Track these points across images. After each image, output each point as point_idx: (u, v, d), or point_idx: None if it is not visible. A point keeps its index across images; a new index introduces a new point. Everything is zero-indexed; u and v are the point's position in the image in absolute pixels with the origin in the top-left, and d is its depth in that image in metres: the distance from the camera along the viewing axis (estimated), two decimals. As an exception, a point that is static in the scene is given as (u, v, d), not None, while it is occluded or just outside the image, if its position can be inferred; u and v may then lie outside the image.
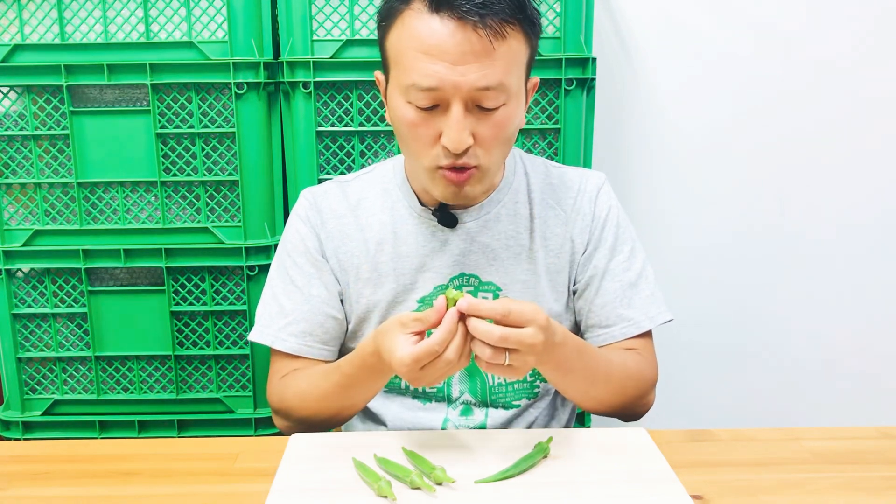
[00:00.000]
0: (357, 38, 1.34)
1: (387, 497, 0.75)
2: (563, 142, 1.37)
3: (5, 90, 1.36)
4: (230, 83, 1.33)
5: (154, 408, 1.47)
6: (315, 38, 1.34)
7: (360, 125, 1.37)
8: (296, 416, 0.97)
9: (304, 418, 0.96)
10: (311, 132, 1.36)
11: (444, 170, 0.88)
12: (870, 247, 1.70)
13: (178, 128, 1.36)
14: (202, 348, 1.45)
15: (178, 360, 1.45)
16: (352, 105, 1.36)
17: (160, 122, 1.36)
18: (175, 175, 1.38)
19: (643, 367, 0.99)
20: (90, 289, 1.41)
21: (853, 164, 1.65)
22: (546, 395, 1.06)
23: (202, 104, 1.36)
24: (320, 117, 1.37)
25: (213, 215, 1.41)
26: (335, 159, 1.39)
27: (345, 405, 0.95)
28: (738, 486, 0.80)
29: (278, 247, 1.04)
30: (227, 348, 1.45)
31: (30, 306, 1.43)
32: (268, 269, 1.07)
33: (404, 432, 0.92)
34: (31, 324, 1.44)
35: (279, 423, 1.01)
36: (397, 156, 1.05)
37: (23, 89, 1.35)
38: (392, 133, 1.37)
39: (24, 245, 1.39)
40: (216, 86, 1.35)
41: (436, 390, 1.02)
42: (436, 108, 0.85)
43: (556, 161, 1.21)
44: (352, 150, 1.38)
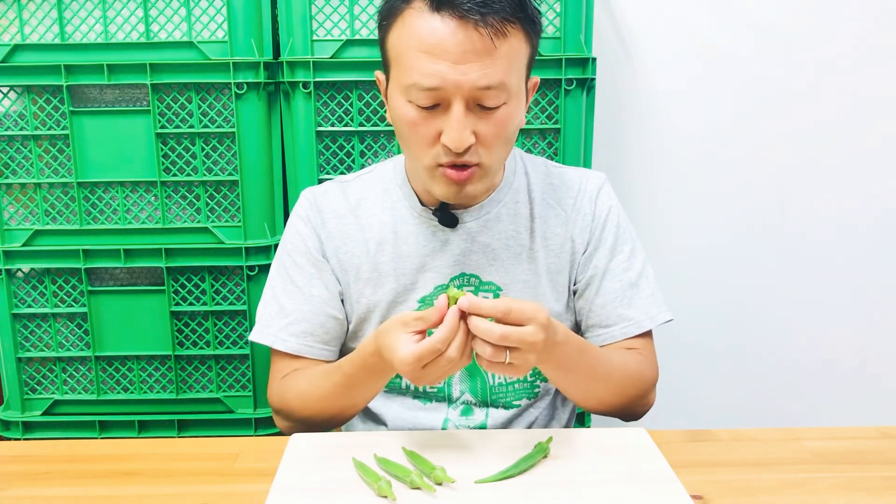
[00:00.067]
0: (357, 38, 1.34)
1: (387, 497, 0.75)
2: (563, 142, 1.37)
3: (5, 90, 1.36)
4: (230, 83, 1.33)
5: (154, 408, 1.47)
6: (315, 38, 1.34)
7: (360, 125, 1.37)
8: (297, 417, 0.97)
9: (305, 418, 0.96)
10: (311, 132, 1.36)
11: (445, 168, 0.88)
12: (870, 247, 1.70)
13: (178, 128, 1.36)
14: (202, 348, 1.45)
15: (178, 360, 1.45)
16: (352, 105, 1.36)
17: (160, 122, 1.36)
18: (175, 175, 1.38)
19: (644, 367, 0.99)
20: (90, 289, 1.41)
21: (853, 164, 1.65)
22: (546, 394, 1.06)
23: (202, 104, 1.36)
24: (320, 117, 1.37)
25: (213, 215, 1.41)
26: (335, 159, 1.39)
27: (346, 405, 0.95)
28: (738, 486, 0.80)
29: (279, 247, 1.04)
30: (227, 348, 1.45)
31: (30, 306, 1.43)
32: (268, 269, 1.07)
33: (404, 432, 0.92)
34: (31, 324, 1.44)
35: (280, 423, 1.01)
36: (397, 156, 1.05)
37: (23, 89, 1.35)
38: (392, 133, 1.37)
39: (24, 245, 1.39)
40: (216, 86, 1.35)
41: (436, 390, 1.02)
42: (437, 107, 0.85)
43: (556, 161, 1.21)
44: (352, 150, 1.38)
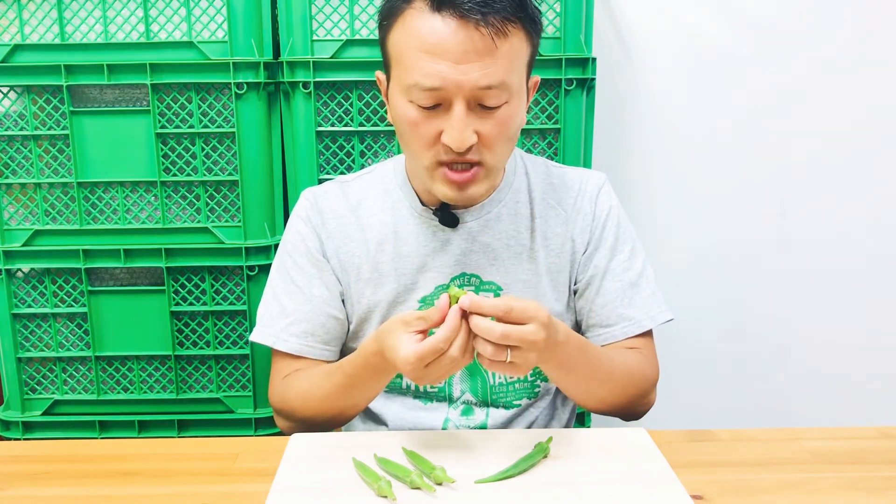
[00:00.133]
0: (357, 38, 1.34)
1: (387, 497, 0.75)
2: (563, 142, 1.37)
3: (5, 90, 1.36)
4: (230, 83, 1.33)
5: (154, 408, 1.47)
6: (315, 38, 1.34)
7: (360, 125, 1.37)
8: (298, 417, 0.97)
9: (307, 418, 0.96)
10: (311, 132, 1.36)
11: (445, 168, 0.88)
12: (870, 247, 1.70)
13: (178, 128, 1.36)
14: (202, 348, 1.45)
15: (178, 360, 1.45)
16: (352, 105, 1.36)
17: (160, 122, 1.36)
18: (175, 175, 1.38)
19: (644, 367, 0.99)
20: (90, 289, 1.41)
21: (853, 164, 1.65)
22: (546, 394, 1.06)
23: (202, 104, 1.36)
24: (320, 117, 1.37)
25: (213, 215, 1.41)
26: (335, 159, 1.39)
27: (347, 405, 0.95)
28: (738, 486, 0.80)
29: (279, 247, 1.04)
30: (227, 348, 1.45)
31: (30, 306, 1.43)
32: (268, 269, 1.07)
33: (404, 432, 0.92)
34: (31, 324, 1.44)
35: (281, 423, 1.01)
36: (398, 156, 1.05)
37: (23, 89, 1.35)
38: (392, 133, 1.37)
39: (24, 245, 1.39)
40: (216, 86, 1.35)
41: (437, 390, 1.02)
42: (438, 107, 0.85)
43: (556, 161, 1.21)
44: (352, 150, 1.38)
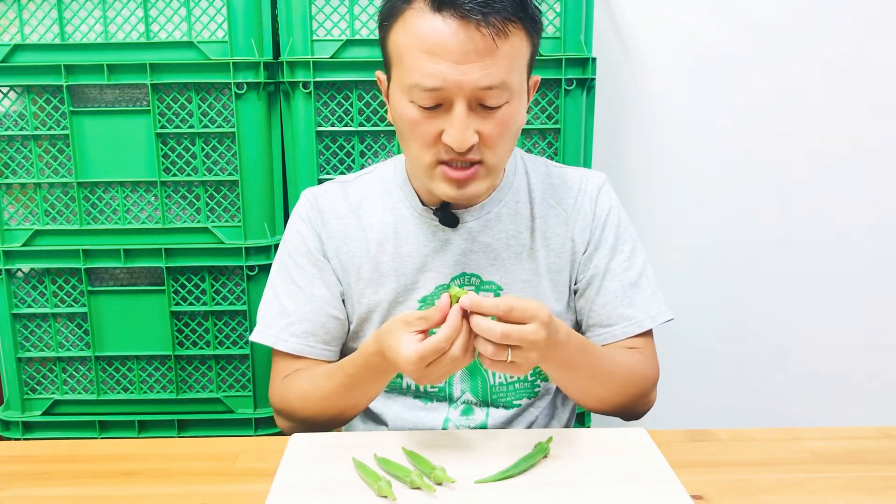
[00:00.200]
0: (357, 38, 1.34)
1: (387, 497, 0.75)
2: (563, 142, 1.37)
3: (5, 90, 1.36)
4: (230, 83, 1.33)
5: (154, 408, 1.47)
6: (315, 38, 1.34)
7: (360, 125, 1.37)
8: (298, 417, 0.97)
9: (307, 419, 0.96)
10: (311, 132, 1.36)
11: (445, 166, 0.88)
12: (870, 247, 1.70)
13: (178, 128, 1.36)
14: (202, 348, 1.45)
15: (178, 360, 1.45)
16: (352, 105, 1.36)
17: (160, 122, 1.36)
18: (175, 175, 1.38)
19: (645, 366, 0.99)
20: (90, 289, 1.41)
21: (853, 164, 1.65)
22: (546, 394, 1.06)
23: (202, 104, 1.36)
24: (320, 117, 1.37)
25: (213, 215, 1.41)
26: (335, 159, 1.39)
27: (347, 405, 0.95)
28: (738, 486, 0.80)
29: (279, 247, 1.04)
30: (227, 348, 1.45)
31: (30, 306, 1.43)
32: (268, 269, 1.07)
33: (404, 432, 0.92)
34: (31, 324, 1.44)
35: (281, 423, 1.01)
36: (398, 156, 1.05)
37: (23, 89, 1.35)
38: (392, 133, 1.37)
39: (24, 245, 1.39)
40: (216, 86, 1.35)
41: (437, 390, 1.02)
42: (439, 107, 0.85)
43: (556, 161, 1.21)
44: (352, 150, 1.38)
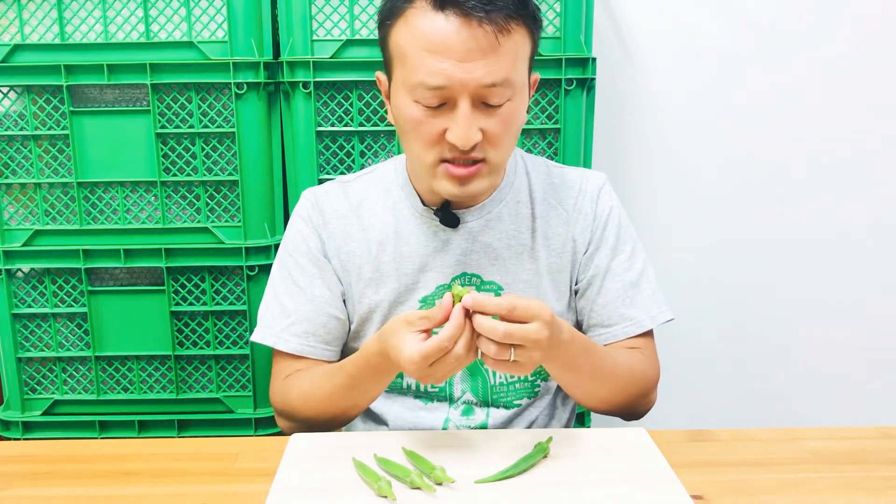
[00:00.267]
0: (357, 38, 1.34)
1: (387, 497, 0.75)
2: (563, 142, 1.37)
3: (5, 90, 1.36)
4: (230, 83, 1.33)
5: (154, 408, 1.47)
6: (315, 38, 1.34)
7: (360, 125, 1.37)
8: (299, 417, 0.97)
9: (308, 419, 0.96)
10: (311, 132, 1.36)
11: (448, 164, 0.87)
12: (870, 247, 1.70)
13: (178, 128, 1.36)
14: (202, 348, 1.45)
15: (178, 360, 1.45)
16: (352, 105, 1.36)
17: (160, 122, 1.36)
18: (175, 175, 1.38)
19: (646, 367, 0.99)
20: (90, 289, 1.41)
21: (853, 163, 1.65)
22: (546, 394, 1.06)
23: (202, 104, 1.36)
24: (320, 117, 1.37)
25: (213, 215, 1.41)
26: (335, 159, 1.39)
27: (348, 405, 0.95)
28: (738, 486, 0.80)
29: (280, 247, 1.04)
30: (227, 348, 1.45)
31: (30, 306, 1.43)
32: (268, 269, 1.07)
33: (404, 432, 0.92)
34: (31, 324, 1.44)
35: (282, 424, 1.01)
36: (398, 156, 1.05)
37: (23, 89, 1.35)
38: (392, 133, 1.37)
39: (24, 245, 1.39)
40: (216, 86, 1.35)
41: (437, 390, 1.02)
42: (442, 105, 0.85)
43: (556, 161, 1.21)
44: (352, 150, 1.38)
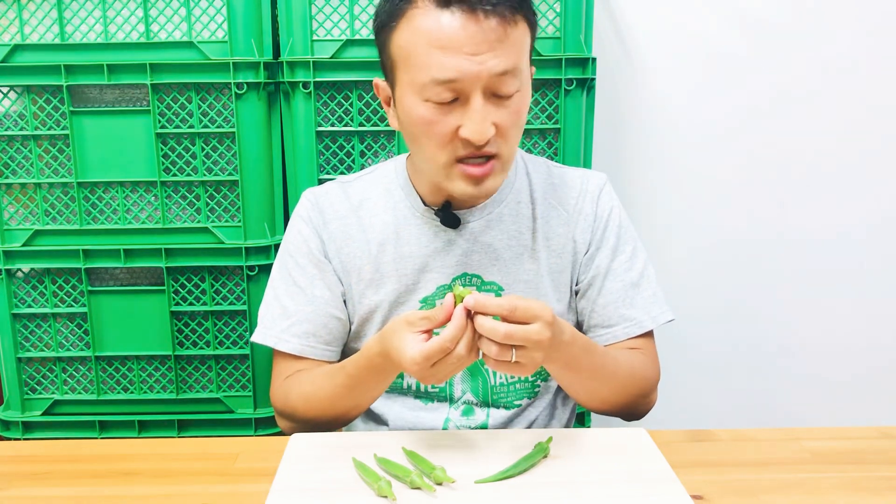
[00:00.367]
0: (357, 38, 1.34)
1: (387, 497, 0.75)
2: (563, 142, 1.37)
3: (5, 90, 1.36)
4: (230, 83, 1.33)
5: (154, 408, 1.47)
6: (315, 38, 1.34)
7: (360, 125, 1.37)
8: (300, 418, 0.97)
9: (309, 420, 0.96)
10: (311, 132, 1.36)
11: (465, 165, 0.87)
12: (870, 247, 1.70)
13: (178, 128, 1.36)
14: (202, 348, 1.45)
15: (178, 360, 1.45)
16: (352, 105, 1.36)
17: (160, 122, 1.36)
18: (175, 175, 1.38)
19: (646, 367, 0.99)
20: (90, 289, 1.41)
21: (853, 163, 1.65)
22: (546, 394, 1.06)
23: (202, 104, 1.36)
24: (320, 117, 1.37)
25: (213, 215, 1.41)
26: (335, 159, 1.39)
27: (350, 406, 0.95)
28: (738, 486, 0.80)
29: (280, 248, 1.04)
30: (227, 348, 1.45)
31: (30, 306, 1.43)
32: (268, 269, 1.07)
33: (404, 432, 0.92)
34: (31, 324, 1.44)
35: (283, 424, 1.01)
36: (398, 156, 1.05)
37: (23, 89, 1.35)
38: (392, 133, 1.37)
39: (24, 245, 1.39)
40: (216, 86, 1.35)
41: (438, 390, 1.02)
42: (454, 101, 0.85)
43: (556, 161, 1.21)
44: (352, 150, 1.38)
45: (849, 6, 1.58)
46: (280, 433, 1.00)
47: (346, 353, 1.03)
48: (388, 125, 1.36)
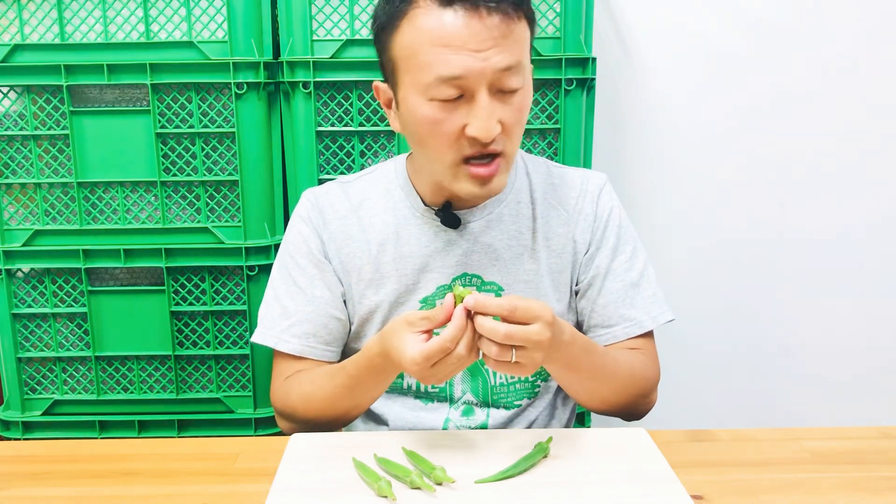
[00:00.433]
0: (357, 38, 1.34)
1: (387, 497, 0.75)
2: (563, 142, 1.37)
3: (5, 90, 1.36)
4: (230, 83, 1.33)
5: (154, 408, 1.47)
6: (315, 38, 1.34)
7: (360, 125, 1.37)
8: (300, 418, 0.97)
9: (309, 420, 0.96)
10: (311, 132, 1.36)
11: (471, 165, 0.87)
12: (870, 247, 1.70)
13: (178, 128, 1.36)
14: (202, 348, 1.45)
15: (178, 360, 1.45)
16: (352, 105, 1.36)
17: (160, 122, 1.36)
18: (175, 175, 1.38)
19: (646, 367, 0.99)
20: (90, 289, 1.41)
21: (853, 164, 1.65)
22: (546, 394, 1.06)
23: (202, 104, 1.36)
24: (320, 117, 1.37)
25: (213, 215, 1.41)
26: (335, 159, 1.39)
27: (350, 406, 0.95)
28: (738, 486, 0.80)
29: (280, 248, 1.04)
30: (227, 348, 1.45)
31: (30, 306, 1.43)
32: (268, 269, 1.07)
33: (404, 432, 0.92)
34: (31, 324, 1.44)
35: (283, 425, 1.01)
36: (398, 156, 1.05)
37: (23, 89, 1.35)
38: (392, 133, 1.37)
39: (24, 245, 1.39)
40: (216, 86, 1.35)
41: (438, 390, 1.02)
42: (459, 99, 0.85)
43: (556, 161, 1.21)
44: (352, 150, 1.38)
45: (849, 6, 1.58)
46: (280, 433, 1.00)
47: (346, 353, 1.03)
48: (388, 125, 1.36)
